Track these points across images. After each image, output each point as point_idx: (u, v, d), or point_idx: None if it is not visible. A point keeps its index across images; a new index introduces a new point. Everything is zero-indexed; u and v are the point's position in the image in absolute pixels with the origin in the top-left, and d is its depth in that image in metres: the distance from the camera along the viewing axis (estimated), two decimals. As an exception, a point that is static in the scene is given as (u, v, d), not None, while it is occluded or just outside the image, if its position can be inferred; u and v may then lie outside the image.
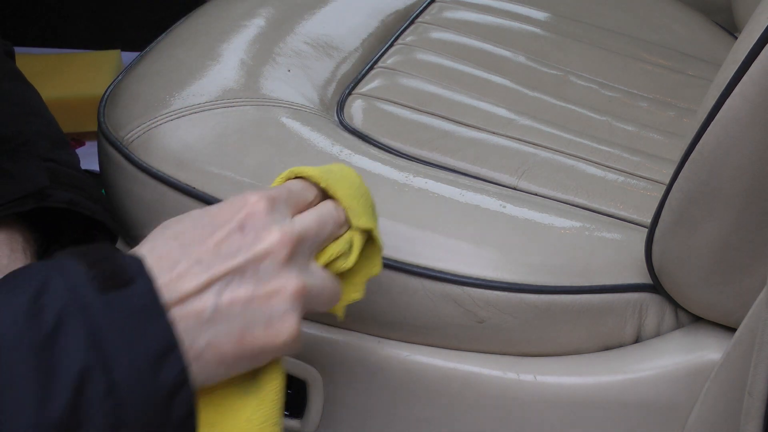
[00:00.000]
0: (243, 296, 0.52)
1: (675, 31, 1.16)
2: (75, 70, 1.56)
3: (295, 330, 0.54)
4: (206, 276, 0.51)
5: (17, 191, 0.70)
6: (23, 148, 0.73)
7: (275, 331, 0.53)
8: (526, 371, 0.74)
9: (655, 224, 0.71)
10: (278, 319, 0.53)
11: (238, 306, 0.52)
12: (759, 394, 0.62)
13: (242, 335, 0.52)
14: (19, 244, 0.71)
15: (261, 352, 0.53)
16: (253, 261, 0.53)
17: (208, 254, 0.52)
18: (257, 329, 0.52)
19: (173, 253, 0.52)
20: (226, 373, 0.53)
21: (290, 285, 0.53)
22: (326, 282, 0.58)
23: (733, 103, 0.62)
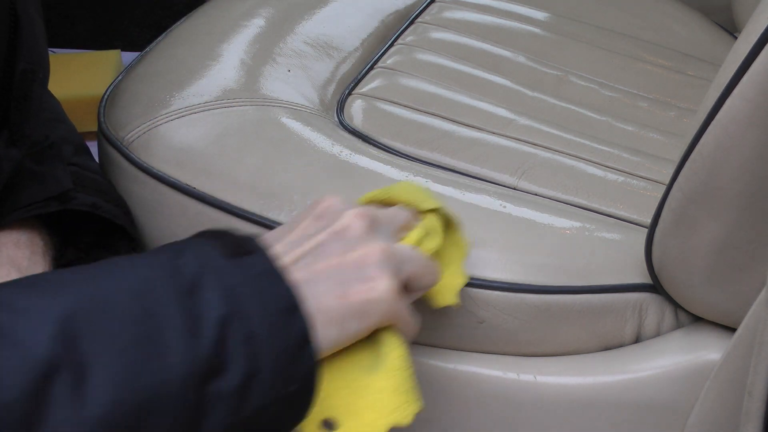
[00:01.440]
0: (333, 263, 0.57)
1: (675, 31, 1.16)
2: (75, 70, 1.56)
3: (391, 285, 0.57)
4: (299, 251, 0.57)
5: (43, 193, 0.71)
6: (49, 152, 0.74)
7: (371, 285, 0.56)
8: (526, 371, 0.74)
9: (655, 224, 0.71)
10: (371, 276, 0.57)
11: (331, 270, 0.56)
12: (759, 394, 0.62)
13: (343, 291, 0.56)
14: (39, 247, 0.72)
15: (365, 306, 0.56)
16: (335, 234, 0.58)
17: (296, 237, 0.58)
18: (354, 284, 0.56)
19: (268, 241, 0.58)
20: (340, 333, 0.56)
21: (375, 247, 0.58)
22: (414, 252, 0.62)
23: (733, 103, 0.62)
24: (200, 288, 0.51)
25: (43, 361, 0.46)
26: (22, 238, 0.71)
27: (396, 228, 0.63)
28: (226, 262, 0.52)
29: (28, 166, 0.72)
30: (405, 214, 0.65)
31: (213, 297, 0.51)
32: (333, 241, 0.58)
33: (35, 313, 0.47)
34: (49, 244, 0.73)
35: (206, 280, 0.51)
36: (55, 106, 0.83)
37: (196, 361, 0.49)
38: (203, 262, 0.52)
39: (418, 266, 0.61)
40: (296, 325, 0.53)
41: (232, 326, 0.50)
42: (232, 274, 0.52)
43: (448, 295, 0.67)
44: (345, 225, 0.59)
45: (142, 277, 0.51)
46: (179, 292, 0.50)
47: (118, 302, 0.49)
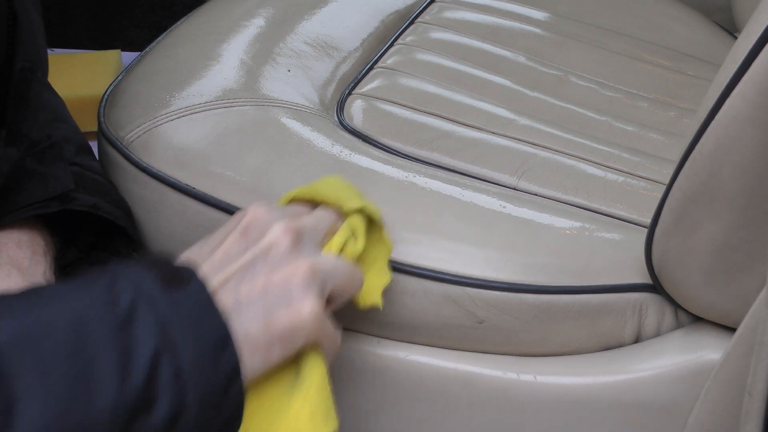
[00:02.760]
0: (258, 285, 0.56)
1: (675, 31, 1.16)
2: (75, 70, 1.56)
3: (315, 307, 0.57)
4: (226, 273, 0.56)
5: (43, 193, 0.71)
6: (50, 151, 0.74)
7: (296, 309, 0.56)
8: (526, 371, 0.74)
9: (655, 224, 0.71)
10: (297, 299, 0.56)
11: (255, 293, 0.56)
12: (759, 394, 0.62)
13: (267, 317, 0.55)
14: (40, 247, 0.72)
15: (289, 331, 0.56)
16: (260, 254, 0.57)
17: (223, 257, 0.58)
18: (279, 310, 0.56)
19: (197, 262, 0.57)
20: (265, 360, 0.56)
21: (300, 266, 0.57)
22: (338, 263, 0.61)
23: (733, 103, 0.62)
24: (134, 321, 0.50)
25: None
26: (23, 238, 0.71)
27: (321, 235, 0.63)
28: (161, 293, 0.52)
29: (29, 165, 0.72)
30: (329, 217, 0.65)
31: (146, 330, 0.50)
32: (258, 261, 0.57)
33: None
34: (51, 244, 0.73)
35: (141, 311, 0.51)
36: (59, 105, 0.83)
37: (125, 398, 0.49)
38: (139, 292, 0.51)
39: (342, 278, 0.61)
40: (226, 360, 0.53)
41: (162, 362, 0.50)
42: (166, 306, 0.51)
43: (371, 296, 0.67)
44: (271, 243, 0.58)
45: (77, 309, 0.50)
46: (113, 324, 0.50)
47: (53, 336, 0.48)
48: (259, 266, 0.57)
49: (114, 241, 0.77)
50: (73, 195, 0.73)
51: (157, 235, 0.81)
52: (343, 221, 0.65)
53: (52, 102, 0.82)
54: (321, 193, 0.66)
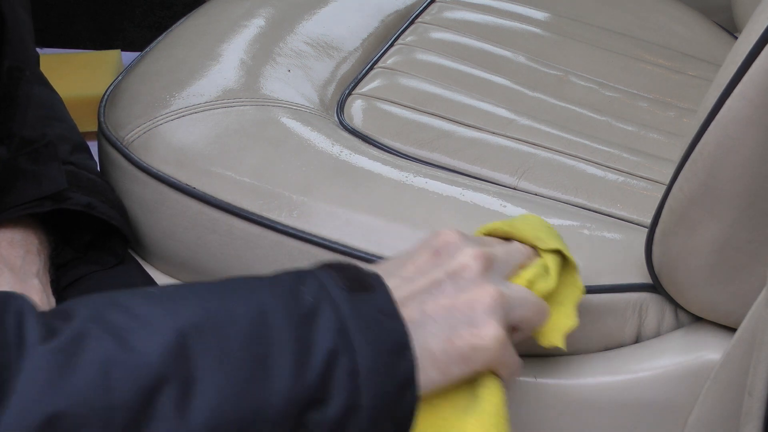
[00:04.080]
0: (444, 304, 0.56)
1: (675, 31, 1.16)
2: (75, 70, 1.56)
3: (499, 334, 0.56)
4: (413, 288, 0.57)
5: (37, 192, 0.71)
6: (45, 150, 0.74)
7: (479, 332, 0.56)
8: (526, 372, 0.74)
9: (655, 224, 0.71)
10: (480, 322, 0.56)
11: (441, 312, 0.56)
12: (759, 394, 0.62)
13: (449, 336, 0.56)
14: (34, 246, 0.72)
15: (469, 352, 0.56)
16: (450, 274, 0.58)
17: (411, 273, 0.58)
18: (462, 330, 0.56)
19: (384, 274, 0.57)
20: (442, 377, 0.56)
21: (487, 292, 0.57)
22: (526, 295, 0.61)
23: (733, 103, 0.62)
24: (316, 317, 0.52)
25: (154, 371, 0.47)
26: (16, 237, 0.71)
27: (511, 267, 0.63)
28: (345, 295, 0.53)
29: (23, 165, 0.72)
30: (523, 252, 0.64)
31: (326, 328, 0.51)
32: (447, 281, 0.57)
33: (153, 323, 0.49)
34: (45, 243, 0.73)
35: (323, 309, 0.52)
36: (55, 102, 0.83)
37: (300, 388, 0.50)
38: (323, 291, 0.53)
39: (528, 310, 0.61)
40: (402, 366, 0.53)
41: (340, 359, 0.51)
42: (348, 308, 0.53)
43: (554, 336, 0.66)
44: (461, 265, 0.58)
45: (262, 301, 0.52)
46: (295, 318, 0.51)
47: (235, 323, 0.50)
48: (446, 286, 0.57)
49: (110, 241, 0.77)
50: (67, 194, 0.73)
51: (157, 235, 0.81)
52: (536, 259, 0.65)
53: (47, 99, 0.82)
54: (518, 229, 0.66)
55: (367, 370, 0.52)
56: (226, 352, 0.49)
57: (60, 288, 0.74)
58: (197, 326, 0.49)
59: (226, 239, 0.78)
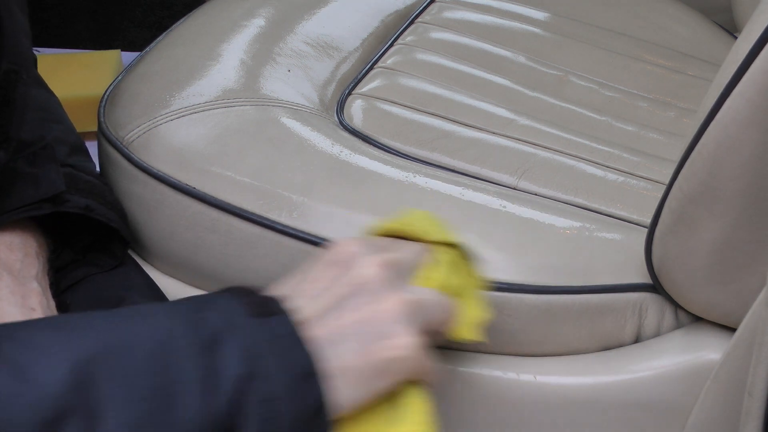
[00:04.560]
0: (353, 318, 0.55)
1: (675, 31, 1.16)
2: (75, 70, 1.56)
3: (413, 341, 0.55)
4: (317, 307, 0.55)
5: (35, 195, 0.71)
6: (42, 153, 0.73)
7: (393, 342, 0.55)
8: (526, 371, 0.74)
9: (655, 224, 0.71)
10: (392, 333, 0.55)
11: (351, 327, 0.55)
12: (759, 394, 0.62)
13: (364, 350, 0.54)
14: (32, 249, 0.71)
15: (387, 365, 0.55)
16: (354, 287, 0.56)
17: (315, 290, 0.57)
18: (376, 343, 0.55)
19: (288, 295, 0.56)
20: (364, 393, 0.55)
21: (394, 300, 0.56)
22: (431, 295, 0.60)
23: (733, 103, 0.62)
24: (221, 344, 0.50)
25: (56, 402, 0.45)
26: (15, 241, 0.71)
27: (413, 267, 0.62)
28: (249, 320, 0.52)
29: (20, 167, 0.72)
30: (418, 250, 0.64)
31: (233, 354, 0.50)
32: (354, 294, 0.56)
33: (53, 352, 0.47)
34: (44, 246, 0.73)
35: (227, 336, 0.50)
36: (53, 104, 0.82)
37: (209, 418, 0.48)
38: (226, 317, 0.51)
39: (437, 311, 0.60)
40: (313, 391, 0.52)
41: (249, 386, 0.50)
42: (254, 334, 0.51)
43: (468, 331, 0.65)
44: (365, 276, 0.57)
45: (164, 327, 0.50)
46: (199, 345, 0.50)
47: (137, 351, 0.49)
48: (353, 300, 0.56)
49: (109, 243, 0.77)
50: (65, 197, 0.73)
51: (157, 236, 0.81)
52: (429, 256, 0.64)
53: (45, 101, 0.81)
54: (407, 226, 0.65)
55: (279, 396, 0.50)
56: (130, 383, 0.47)
57: (59, 291, 0.73)
58: (99, 355, 0.47)
59: (226, 239, 0.78)
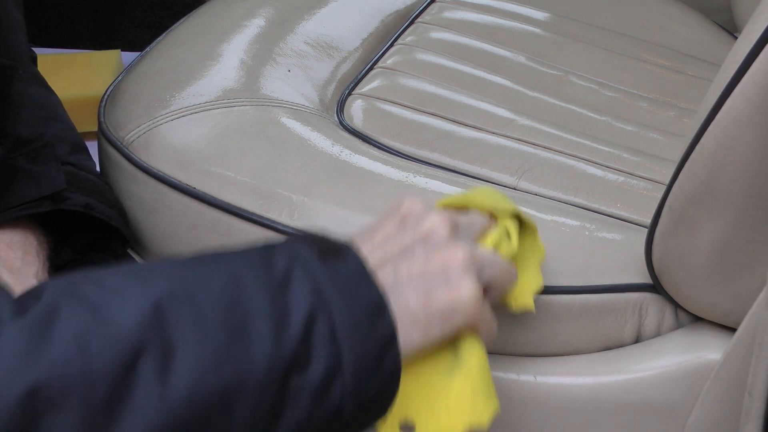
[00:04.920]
0: (418, 266, 0.57)
1: (675, 31, 1.16)
2: (75, 70, 1.56)
3: (475, 290, 0.57)
4: (383, 254, 0.58)
5: (35, 193, 0.71)
6: (43, 151, 0.74)
7: (456, 290, 0.57)
8: (526, 371, 0.74)
9: (655, 224, 0.71)
10: (456, 281, 0.57)
11: (415, 275, 0.57)
12: (759, 394, 0.62)
13: (427, 296, 0.56)
14: (32, 247, 0.72)
15: (448, 311, 0.57)
16: (420, 239, 0.59)
17: (382, 240, 0.59)
18: (439, 289, 0.57)
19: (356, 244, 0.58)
20: (423, 337, 0.56)
21: (459, 252, 0.58)
22: (494, 256, 0.62)
23: (733, 103, 0.62)
24: (290, 283, 0.52)
25: (131, 340, 0.47)
26: (15, 239, 0.71)
27: (475, 232, 0.64)
28: (317, 263, 0.53)
29: (21, 165, 0.72)
30: (483, 218, 0.66)
31: (302, 292, 0.52)
32: (418, 245, 0.58)
33: (126, 294, 0.49)
34: (44, 244, 0.73)
35: (297, 275, 0.52)
36: (53, 103, 0.82)
37: (281, 352, 0.50)
38: (296, 259, 0.53)
39: (498, 270, 0.62)
40: (382, 328, 0.53)
41: (318, 322, 0.51)
42: (322, 274, 0.53)
43: (524, 299, 0.67)
44: (429, 229, 0.59)
45: (236, 268, 0.52)
46: (269, 284, 0.51)
47: (210, 290, 0.50)
48: (418, 250, 0.58)
49: (109, 242, 0.77)
50: (65, 195, 0.73)
51: (157, 235, 0.81)
52: (495, 224, 0.66)
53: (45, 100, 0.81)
54: (474, 200, 0.67)
55: (347, 332, 0.52)
56: (202, 320, 0.49)
57: None
58: (171, 295, 0.49)
59: (226, 239, 0.78)
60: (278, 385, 0.50)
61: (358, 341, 0.52)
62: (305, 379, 0.51)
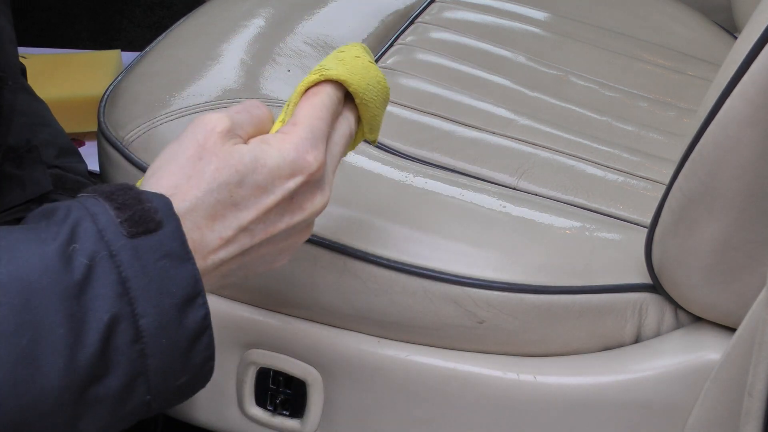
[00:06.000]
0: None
1: (675, 31, 1.16)
2: (75, 70, 1.56)
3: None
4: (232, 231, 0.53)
5: (22, 196, 0.71)
6: (28, 155, 0.74)
7: None
8: (526, 371, 0.74)
9: (655, 224, 0.71)
10: None
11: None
12: (759, 394, 0.62)
13: None
14: None
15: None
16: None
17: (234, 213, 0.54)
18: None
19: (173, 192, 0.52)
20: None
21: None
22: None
23: (733, 103, 0.62)
24: (91, 283, 0.47)
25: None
26: None
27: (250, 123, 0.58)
28: (125, 244, 0.48)
29: (7, 170, 0.72)
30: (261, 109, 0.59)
31: (104, 293, 0.48)
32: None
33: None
34: None
35: (100, 270, 0.48)
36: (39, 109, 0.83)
37: (76, 371, 0.47)
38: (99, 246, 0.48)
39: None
40: (194, 316, 0.50)
41: (119, 328, 0.48)
42: (130, 260, 0.48)
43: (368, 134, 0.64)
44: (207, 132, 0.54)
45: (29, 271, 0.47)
46: (66, 291, 0.47)
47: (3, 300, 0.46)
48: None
49: None
50: (52, 197, 0.73)
51: (157, 235, 0.81)
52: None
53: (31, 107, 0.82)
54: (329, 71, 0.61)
55: (152, 331, 0.48)
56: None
57: None
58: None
59: (226, 239, 0.77)
60: (73, 401, 0.47)
61: (165, 337, 0.49)
62: (105, 389, 0.48)
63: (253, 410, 0.79)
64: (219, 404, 0.80)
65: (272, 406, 0.79)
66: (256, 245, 0.54)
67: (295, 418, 0.78)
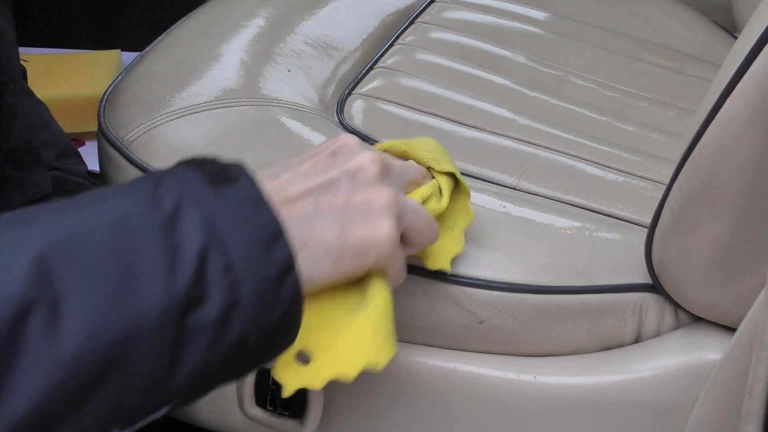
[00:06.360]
0: (340, 200, 0.57)
1: (675, 31, 1.16)
2: (75, 70, 1.56)
3: (391, 230, 0.57)
4: (305, 185, 0.57)
5: (22, 198, 0.71)
6: (28, 157, 0.74)
7: (374, 228, 0.57)
8: (526, 371, 0.74)
9: (655, 224, 0.71)
10: (376, 219, 0.57)
11: (336, 207, 0.57)
12: (759, 394, 0.62)
13: (343, 228, 0.56)
14: None
15: (363, 246, 0.57)
16: (347, 174, 0.58)
17: (307, 170, 0.59)
18: (357, 224, 0.57)
19: (275, 170, 0.58)
20: (333, 269, 0.56)
21: (384, 193, 0.58)
22: (419, 207, 0.62)
23: (733, 103, 0.62)
24: (179, 218, 0.50)
25: (17, 297, 0.45)
26: None
27: (406, 181, 0.64)
28: (207, 190, 0.52)
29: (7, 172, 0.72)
30: (418, 169, 0.65)
31: (192, 227, 0.50)
32: (344, 179, 0.58)
33: (10, 249, 0.47)
34: None
35: (186, 209, 0.51)
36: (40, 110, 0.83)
37: (174, 292, 0.49)
38: (183, 191, 0.51)
39: (419, 221, 0.61)
40: (278, 254, 0.52)
41: (211, 256, 0.50)
42: (213, 203, 0.51)
43: (442, 260, 0.67)
44: (359, 166, 0.59)
45: (121, 210, 0.50)
46: (157, 223, 0.50)
47: (96, 236, 0.48)
48: (343, 183, 0.58)
49: None
50: (52, 199, 0.73)
51: (157, 235, 0.81)
52: (430, 179, 0.66)
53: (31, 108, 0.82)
54: (414, 149, 0.67)
55: (242, 262, 0.51)
56: (89, 269, 0.47)
57: None
58: (55, 246, 0.47)
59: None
60: (174, 326, 0.49)
61: (254, 271, 0.51)
62: (202, 316, 0.49)
63: (253, 410, 0.79)
64: (219, 405, 0.80)
65: (272, 407, 0.79)
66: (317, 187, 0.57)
67: (295, 418, 0.78)
